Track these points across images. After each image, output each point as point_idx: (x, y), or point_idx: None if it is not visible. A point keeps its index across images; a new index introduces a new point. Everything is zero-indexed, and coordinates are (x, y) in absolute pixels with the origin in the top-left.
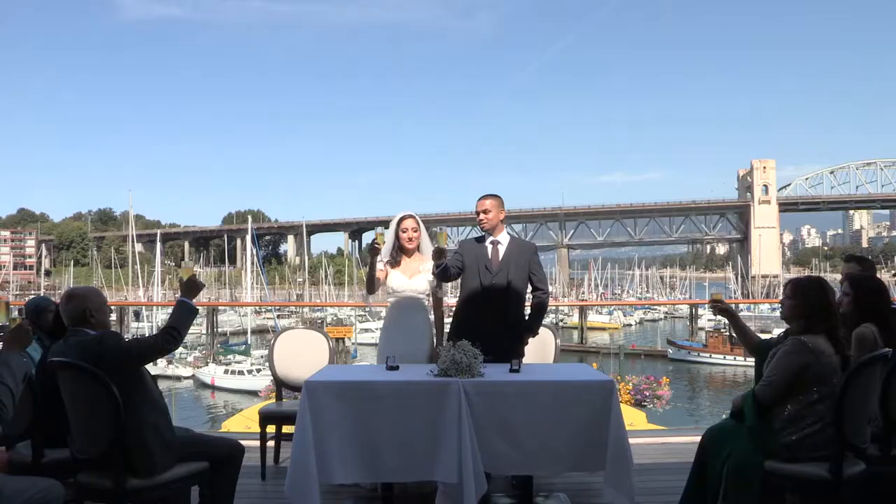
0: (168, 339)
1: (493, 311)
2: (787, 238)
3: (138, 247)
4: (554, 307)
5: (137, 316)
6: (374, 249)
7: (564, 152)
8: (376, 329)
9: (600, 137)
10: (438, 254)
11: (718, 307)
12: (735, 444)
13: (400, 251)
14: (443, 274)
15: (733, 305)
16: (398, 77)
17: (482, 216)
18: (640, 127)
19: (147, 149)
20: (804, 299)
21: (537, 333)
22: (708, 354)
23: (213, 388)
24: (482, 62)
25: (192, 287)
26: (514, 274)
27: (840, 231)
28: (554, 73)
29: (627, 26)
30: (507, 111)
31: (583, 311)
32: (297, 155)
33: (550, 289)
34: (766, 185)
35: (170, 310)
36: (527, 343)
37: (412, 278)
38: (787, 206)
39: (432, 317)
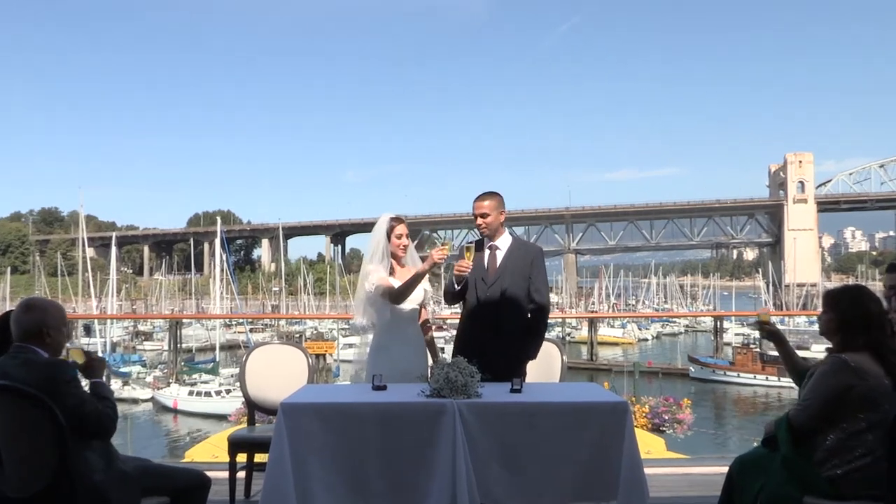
0: (115, 415)
1: (490, 326)
2: (828, 242)
3: (90, 251)
4: (561, 319)
5: (88, 331)
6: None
7: (571, 146)
8: (360, 344)
9: (612, 129)
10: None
11: (766, 329)
12: (768, 476)
13: (393, 257)
14: (458, 293)
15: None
16: (386, 63)
17: (480, 221)
18: (656, 117)
19: (99, 141)
20: (837, 311)
21: (534, 357)
22: (735, 373)
23: (175, 411)
24: (479, 46)
25: (96, 368)
26: (512, 282)
27: (891, 233)
28: (559, 58)
29: (641, 5)
30: (507, 101)
31: (593, 323)
32: (272, 149)
33: (555, 298)
34: (801, 182)
35: (126, 323)
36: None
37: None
38: (826, 206)
39: None
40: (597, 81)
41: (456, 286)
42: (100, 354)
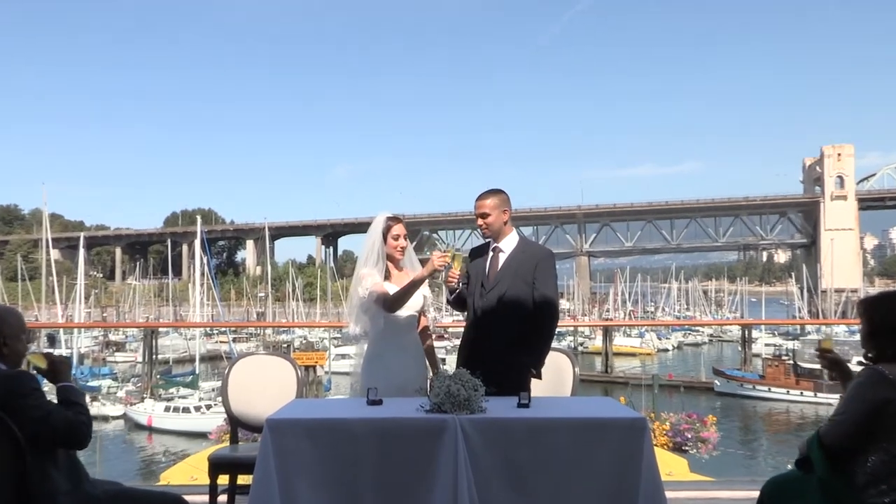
0: (89, 421)
1: (488, 335)
2: (871, 242)
3: (55, 253)
4: (572, 328)
5: (53, 341)
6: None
7: (584, 140)
8: (356, 355)
9: (628, 122)
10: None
11: (828, 359)
12: (803, 500)
13: (389, 260)
14: (458, 301)
15: (797, 328)
16: (384, 53)
17: (480, 221)
18: (677, 107)
19: (66, 132)
20: (870, 318)
21: (538, 367)
22: (766, 387)
23: (150, 429)
24: (483, 31)
25: (60, 371)
26: (511, 287)
27: None
28: (569, 43)
29: None
30: (513, 89)
31: (607, 332)
32: (258, 142)
33: (566, 305)
34: (840, 177)
35: (95, 332)
36: (534, 377)
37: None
38: (869, 203)
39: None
40: (609, 71)
41: (449, 296)
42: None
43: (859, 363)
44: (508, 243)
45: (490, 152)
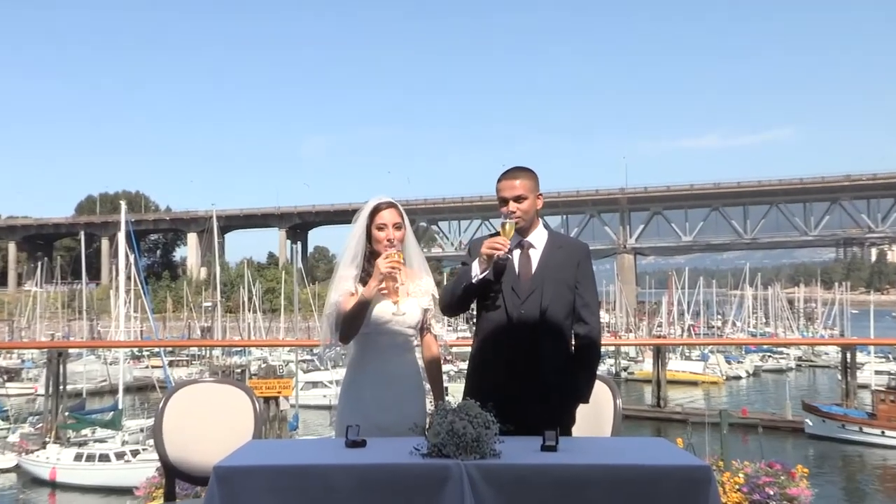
0: None
1: (523, 356)
2: None
3: None
4: (614, 348)
5: None
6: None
7: (629, 104)
8: (331, 382)
9: (686, 79)
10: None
11: None
12: None
13: (374, 259)
14: (466, 299)
15: None
16: None
17: (513, 206)
18: (755, 58)
19: None
20: None
21: (588, 398)
22: (878, 430)
23: (53, 485)
24: None
25: None
26: (554, 294)
27: None
28: None
29: None
30: (534, 39)
31: (659, 353)
32: (202, 108)
33: (605, 318)
34: None
35: None
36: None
37: (399, 304)
38: None
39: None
40: (663, 12)
41: (478, 275)
42: None
43: None
44: (538, 237)
45: (506, 119)
